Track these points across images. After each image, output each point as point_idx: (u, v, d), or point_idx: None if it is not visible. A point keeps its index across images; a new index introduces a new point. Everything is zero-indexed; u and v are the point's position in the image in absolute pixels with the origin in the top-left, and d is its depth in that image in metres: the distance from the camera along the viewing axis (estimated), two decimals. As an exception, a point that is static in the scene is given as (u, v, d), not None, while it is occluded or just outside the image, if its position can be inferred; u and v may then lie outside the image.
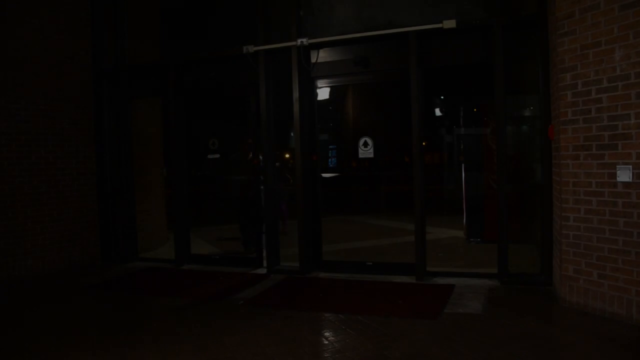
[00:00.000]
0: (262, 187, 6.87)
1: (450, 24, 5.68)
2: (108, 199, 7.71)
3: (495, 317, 4.57)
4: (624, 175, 4.20)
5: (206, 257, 7.38)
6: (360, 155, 6.56)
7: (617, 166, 4.24)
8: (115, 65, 7.64)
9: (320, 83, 6.66)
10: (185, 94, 7.28)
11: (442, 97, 19.10)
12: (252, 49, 6.51)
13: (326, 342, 4.11)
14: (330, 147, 11.52)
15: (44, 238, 6.89)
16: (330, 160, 11.22)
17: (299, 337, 4.14)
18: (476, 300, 5.06)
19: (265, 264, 6.71)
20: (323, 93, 6.89)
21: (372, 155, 6.53)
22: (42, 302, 5.64)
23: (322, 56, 6.46)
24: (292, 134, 6.85)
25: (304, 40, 6.26)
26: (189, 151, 7.42)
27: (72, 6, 7.37)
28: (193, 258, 7.31)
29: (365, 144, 6.51)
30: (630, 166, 4.15)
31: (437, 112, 19.65)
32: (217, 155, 7.40)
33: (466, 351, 3.80)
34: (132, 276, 6.70)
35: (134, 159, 7.87)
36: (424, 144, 6.51)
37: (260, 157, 6.75)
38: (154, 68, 7.40)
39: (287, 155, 12.86)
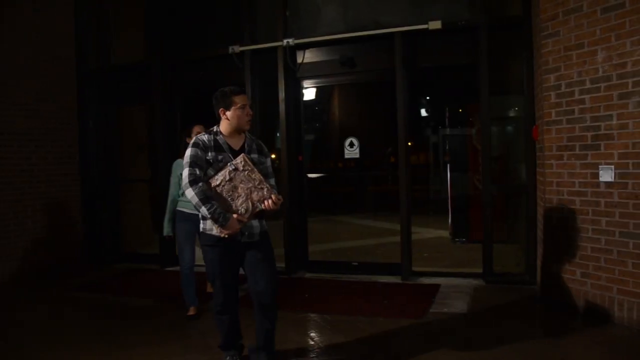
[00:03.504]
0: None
1: (435, 24, 5.71)
2: (93, 200, 7.62)
3: (481, 316, 4.60)
4: (606, 175, 4.25)
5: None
6: (346, 156, 6.57)
7: (600, 166, 4.29)
8: (100, 65, 7.56)
9: (306, 83, 6.65)
10: (170, 95, 7.22)
11: (427, 98, 19.19)
12: (238, 49, 6.49)
13: (312, 342, 4.11)
14: (316, 147, 11.54)
15: (26, 239, 6.79)
16: (316, 160, 11.24)
17: (285, 338, 4.13)
18: (461, 299, 5.09)
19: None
20: (309, 93, 6.88)
21: (358, 156, 6.54)
22: (25, 304, 5.56)
23: (308, 56, 6.45)
24: (278, 134, 6.84)
25: (290, 40, 6.25)
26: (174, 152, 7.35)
27: (56, 5, 7.28)
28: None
29: (351, 144, 6.52)
30: (613, 166, 4.20)
31: (423, 112, 19.73)
32: None
33: (451, 351, 3.82)
34: (117, 277, 6.63)
35: (119, 159, 7.80)
36: (409, 144, 6.54)
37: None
38: (139, 68, 7.32)
39: (273, 156, 12.81)
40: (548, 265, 4.78)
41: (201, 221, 3.37)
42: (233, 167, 3.20)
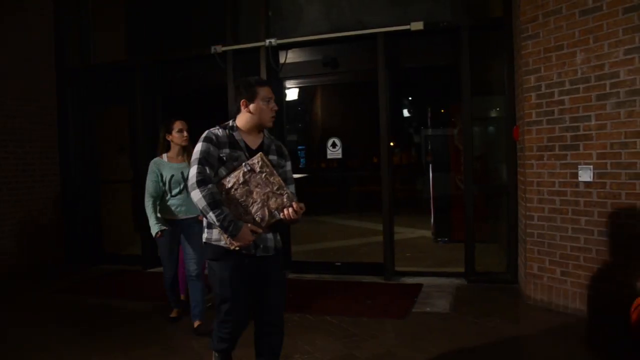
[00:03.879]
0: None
1: (417, 25, 5.74)
2: (74, 200, 7.52)
3: (463, 315, 4.64)
4: (585, 175, 4.31)
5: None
6: (329, 156, 6.57)
7: (579, 166, 4.36)
8: (80, 64, 7.46)
9: (288, 84, 6.64)
10: (152, 94, 7.15)
11: (410, 98, 19.32)
12: (220, 49, 6.45)
13: (295, 343, 4.10)
14: (299, 147, 11.52)
15: (5, 240, 6.68)
16: (299, 160, 11.22)
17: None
18: (444, 299, 5.12)
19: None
20: (292, 94, 6.88)
21: (340, 156, 6.55)
22: (1, 306, 5.46)
23: (290, 57, 6.44)
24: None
25: (273, 40, 6.24)
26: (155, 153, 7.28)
27: (36, 3, 7.17)
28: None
29: (334, 145, 6.53)
30: (591, 166, 4.26)
31: (406, 112, 19.86)
32: None
33: (434, 349, 3.84)
34: (98, 279, 6.55)
35: (101, 160, 7.70)
36: (392, 144, 6.56)
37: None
38: (120, 68, 7.24)
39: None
40: (529, 264, 4.84)
41: (205, 230, 2.87)
42: (248, 168, 2.74)
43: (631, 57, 3.98)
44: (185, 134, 4.42)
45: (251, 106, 2.84)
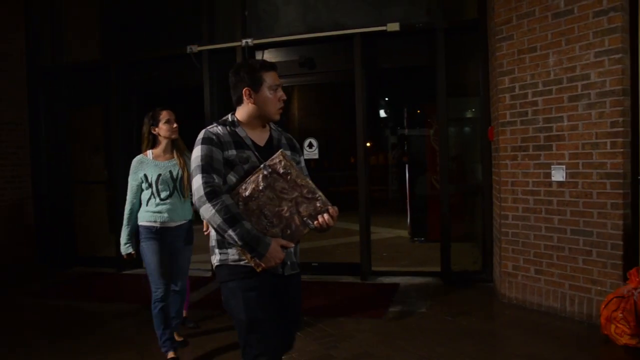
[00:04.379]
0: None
1: (394, 26, 5.77)
2: (46, 202, 7.36)
3: (439, 314, 4.68)
4: (558, 174, 4.39)
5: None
6: (306, 156, 6.55)
7: (552, 166, 4.43)
8: (53, 63, 7.30)
9: (265, 84, 6.60)
10: (127, 94, 7.04)
11: (387, 99, 19.40)
12: (196, 48, 6.39)
13: (273, 344, 4.08)
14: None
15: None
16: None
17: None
18: (420, 298, 5.16)
19: (210, 266, 6.61)
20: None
21: (317, 157, 6.54)
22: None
23: (267, 57, 6.41)
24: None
25: (249, 40, 6.20)
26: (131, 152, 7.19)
27: (4, 1, 7.01)
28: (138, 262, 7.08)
29: (310, 145, 6.52)
30: (564, 166, 4.34)
31: (382, 113, 19.93)
32: None
33: (411, 348, 3.87)
34: (71, 282, 6.43)
35: (74, 160, 7.56)
36: (368, 144, 6.59)
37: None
38: (94, 67, 7.12)
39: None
40: (504, 263, 4.90)
41: (217, 251, 2.36)
42: (269, 170, 2.24)
43: (601, 59, 4.07)
44: (174, 125, 3.82)
45: (256, 96, 2.37)
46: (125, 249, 3.75)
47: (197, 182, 2.19)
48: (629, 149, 4.03)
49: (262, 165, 2.25)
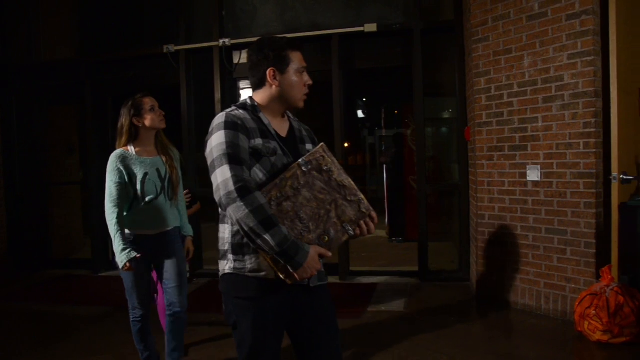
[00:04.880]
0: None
1: (371, 27, 5.79)
2: (17, 203, 7.20)
3: (417, 313, 4.71)
4: (533, 174, 4.45)
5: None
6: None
7: (527, 166, 4.50)
8: (24, 61, 7.15)
9: (243, 84, 6.57)
10: (102, 94, 6.93)
11: (364, 99, 19.48)
12: (173, 48, 6.32)
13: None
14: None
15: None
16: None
17: (226, 342, 4.07)
18: (398, 298, 5.18)
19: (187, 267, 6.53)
20: (246, 94, 6.79)
21: (295, 157, 6.51)
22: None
23: (245, 57, 6.35)
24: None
25: (226, 40, 6.17)
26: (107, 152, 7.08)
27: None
28: (114, 264, 6.98)
29: (290, 145, 6.49)
30: (539, 166, 4.41)
31: (360, 113, 20.00)
32: None
33: (389, 348, 3.88)
34: (45, 285, 6.31)
35: (47, 161, 7.42)
36: (346, 145, 6.59)
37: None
38: (69, 66, 6.96)
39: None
40: (481, 262, 4.96)
41: (231, 257, 1.98)
42: (309, 167, 1.93)
43: (574, 61, 4.14)
44: (161, 112, 3.24)
45: (281, 78, 2.02)
46: (127, 255, 2.99)
47: (223, 174, 1.82)
48: (601, 149, 4.11)
49: (300, 161, 1.93)
